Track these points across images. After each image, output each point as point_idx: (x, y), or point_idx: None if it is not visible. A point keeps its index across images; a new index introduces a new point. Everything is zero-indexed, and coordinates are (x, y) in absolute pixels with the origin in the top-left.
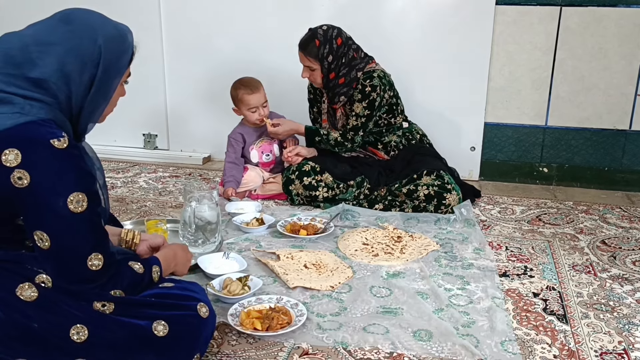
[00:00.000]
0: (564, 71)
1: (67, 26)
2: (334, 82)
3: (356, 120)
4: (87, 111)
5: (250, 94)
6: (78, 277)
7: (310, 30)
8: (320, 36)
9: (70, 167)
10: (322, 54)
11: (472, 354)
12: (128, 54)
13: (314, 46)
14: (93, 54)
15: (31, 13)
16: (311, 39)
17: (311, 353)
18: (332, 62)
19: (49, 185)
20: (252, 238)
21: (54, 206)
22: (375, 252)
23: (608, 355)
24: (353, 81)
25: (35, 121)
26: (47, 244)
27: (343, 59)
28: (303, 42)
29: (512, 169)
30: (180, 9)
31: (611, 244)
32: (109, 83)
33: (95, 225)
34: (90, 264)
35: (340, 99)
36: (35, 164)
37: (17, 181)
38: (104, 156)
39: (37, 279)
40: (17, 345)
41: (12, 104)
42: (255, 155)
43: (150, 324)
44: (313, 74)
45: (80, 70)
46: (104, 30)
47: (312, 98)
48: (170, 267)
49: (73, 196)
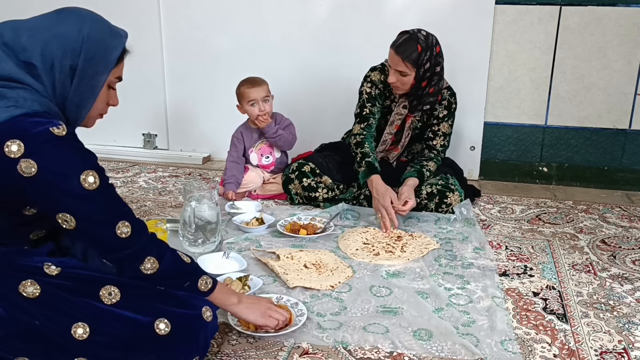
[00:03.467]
0: (563, 70)
1: (58, 15)
2: (424, 91)
3: (444, 140)
4: (72, 102)
5: (250, 87)
6: (112, 247)
7: (407, 33)
8: (422, 42)
9: (74, 150)
10: (422, 61)
11: (472, 353)
12: (117, 50)
13: (414, 51)
14: (75, 42)
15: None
16: (412, 43)
17: (311, 352)
18: (428, 70)
19: (59, 170)
20: (252, 238)
21: (69, 188)
22: (376, 252)
23: (608, 354)
24: (439, 92)
25: (30, 113)
26: (73, 224)
27: (437, 67)
28: (402, 45)
29: (511, 169)
30: (180, 9)
31: (611, 243)
32: (94, 77)
33: (113, 196)
34: (119, 232)
35: (423, 108)
36: (40, 151)
37: (25, 170)
38: (103, 156)
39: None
40: (18, 343)
41: (5, 98)
42: (255, 158)
43: (153, 322)
44: (403, 80)
45: (62, 56)
46: (91, 23)
47: (377, 94)
48: (233, 299)
49: (84, 174)
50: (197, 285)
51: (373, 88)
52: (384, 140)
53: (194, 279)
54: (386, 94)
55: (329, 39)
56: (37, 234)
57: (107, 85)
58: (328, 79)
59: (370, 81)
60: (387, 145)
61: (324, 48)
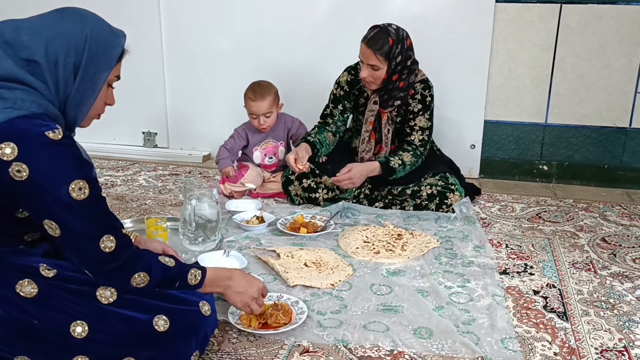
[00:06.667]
0: (563, 69)
1: (59, 14)
2: (394, 85)
3: (422, 134)
4: (74, 100)
5: (252, 100)
6: (94, 260)
7: (378, 27)
8: (393, 35)
9: (68, 156)
10: (394, 54)
11: (473, 351)
12: (118, 47)
13: (386, 43)
14: (79, 40)
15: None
16: (383, 36)
17: (312, 351)
18: (399, 64)
19: (49, 176)
20: (252, 236)
21: (57, 196)
22: (377, 250)
23: (608, 352)
24: (410, 87)
25: (27, 115)
26: (58, 231)
27: (408, 61)
28: (373, 38)
29: (512, 167)
30: (180, 9)
31: (611, 242)
32: (96, 75)
33: (101, 209)
34: (102, 246)
35: (394, 104)
36: (33, 156)
37: (17, 174)
38: (103, 154)
39: (39, 270)
40: (18, 342)
41: (3, 99)
42: (258, 157)
43: (152, 319)
44: (375, 74)
45: (66, 54)
46: (93, 22)
47: (342, 95)
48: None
49: (74, 184)
50: (187, 281)
51: (338, 90)
52: (363, 139)
53: (182, 278)
54: (355, 92)
55: (329, 39)
56: (31, 236)
57: (107, 84)
58: (328, 79)
59: (337, 82)
60: (368, 143)
61: (324, 48)
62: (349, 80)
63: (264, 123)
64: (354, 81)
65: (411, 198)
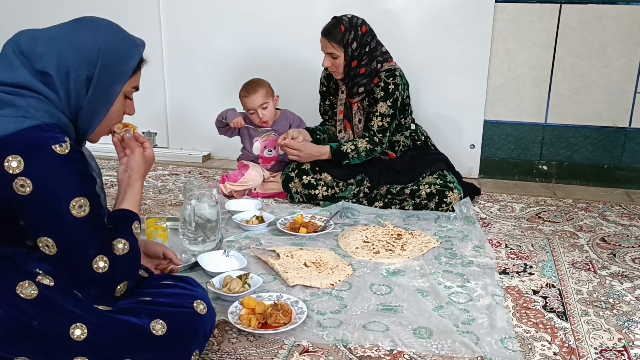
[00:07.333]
0: (563, 69)
1: (76, 24)
2: (355, 71)
3: (381, 120)
4: (86, 111)
5: (245, 96)
6: (84, 280)
7: (334, 18)
8: (346, 22)
9: (72, 172)
10: (347, 40)
11: (472, 351)
12: (134, 60)
13: (339, 31)
14: (92, 52)
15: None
16: (336, 25)
17: (311, 351)
18: (356, 50)
19: (51, 192)
20: (252, 236)
21: (57, 212)
22: (376, 250)
23: (608, 352)
24: (373, 73)
25: (39, 125)
26: (54, 250)
27: (366, 47)
28: (328, 28)
29: (511, 167)
30: (180, 8)
31: (611, 242)
32: (109, 87)
33: (98, 227)
34: (95, 266)
35: (358, 91)
36: (38, 171)
37: (20, 189)
38: (103, 154)
39: (37, 279)
40: (18, 343)
41: (16, 107)
42: (258, 148)
43: (149, 323)
44: (335, 62)
45: (78, 66)
46: (108, 33)
47: (324, 91)
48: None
49: (75, 201)
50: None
51: (321, 87)
52: (339, 129)
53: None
54: (332, 86)
55: None
56: (32, 240)
57: (124, 95)
58: None
59: (320, 80)
60: (345, 133)
61: None
62: (325, 75)
63: (263, 116)
64: (329, 76)
65: (410, 197)
